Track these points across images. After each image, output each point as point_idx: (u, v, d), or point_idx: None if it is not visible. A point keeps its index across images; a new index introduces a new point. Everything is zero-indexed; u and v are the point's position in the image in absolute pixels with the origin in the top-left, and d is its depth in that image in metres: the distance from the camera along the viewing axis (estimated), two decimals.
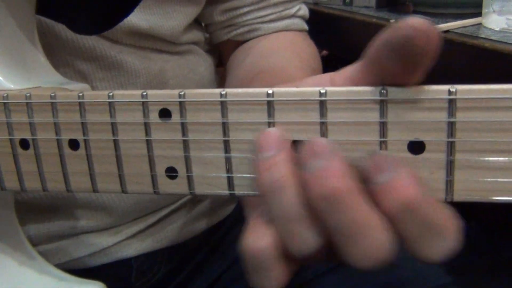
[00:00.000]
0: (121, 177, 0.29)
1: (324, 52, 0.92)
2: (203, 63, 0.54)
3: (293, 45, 0.53)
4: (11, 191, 0.35)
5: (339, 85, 0.26)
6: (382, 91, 0.24)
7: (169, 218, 0.52)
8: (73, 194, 0.45)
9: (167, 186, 0.29)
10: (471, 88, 0.22)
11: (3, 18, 0.34)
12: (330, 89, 0.24)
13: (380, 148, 0.24)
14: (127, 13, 0.35)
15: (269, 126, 0.26)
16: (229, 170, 0.27)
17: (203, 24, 0.57)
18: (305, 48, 0.54)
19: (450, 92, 0.22)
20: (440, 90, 0.23)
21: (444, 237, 0.22)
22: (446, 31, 0.56)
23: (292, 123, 0.25)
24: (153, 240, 0.51)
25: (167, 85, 0.49)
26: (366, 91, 0.24)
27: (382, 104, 0.24)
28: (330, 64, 0.60)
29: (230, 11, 0.53)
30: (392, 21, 0.60)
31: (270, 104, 0.25)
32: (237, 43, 0.55)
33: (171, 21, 0.47)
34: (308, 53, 0.53)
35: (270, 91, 0.25)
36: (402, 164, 0.23)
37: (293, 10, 0.55)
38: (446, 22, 0.59)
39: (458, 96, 0.22)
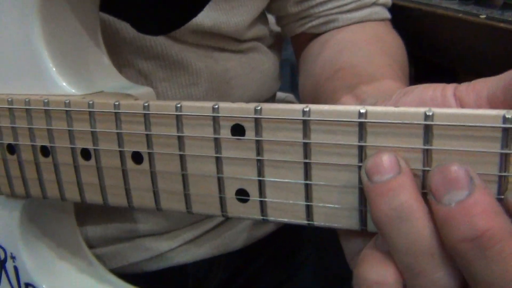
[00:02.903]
0: (186, 196, 0.27)
1: None
2: (266, 61, 0.51)
3: (377, 38, 0.47)
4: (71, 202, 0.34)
5: (467, 102, 0.22)
6: (507, 116, 0.19)
7: (227, 224, 0.50)
8: None
9: (236, 209, 0.26)
10: None
11: (67, 17, 0.32)
12: (437, 111, 0.20)
13: (500, 186, 0.20)
14: (196, 13, 0.32)
15: (360, 151, 0.22)
16: (308, 197, 0.24)
17: (274, 18, 0.53)
18: (391, 42, 0.48)
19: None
20: None
21: None
22: None
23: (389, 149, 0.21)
24: (210, 246, 0.49)
25: (229, 85, 0.46)
26: (485, 115, 0.20)
27: (506, 133, 0.19)
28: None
29: (304, 1, 0.48)
30: (482, 16, 0.53)
31: (362, 126, 0.22)
32: (312, 36, 0.51)
33: (237, 16, 0.44)
34: (395, 47, 0.47)
35: (362, 110, 0.22)
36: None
37: None
38: None
39: None
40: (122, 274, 0.39)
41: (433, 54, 0.58)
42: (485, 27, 0.51)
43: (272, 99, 0.55)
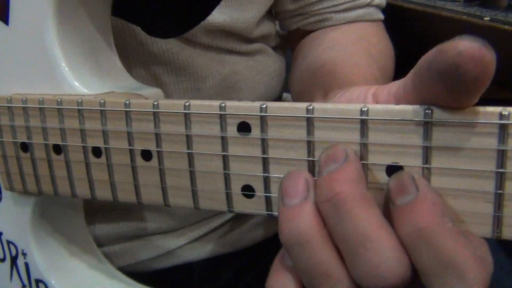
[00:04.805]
0: (194, 192, 0.27)
1: None
2: (272, 64, 0.52)
3: (362, 39, 0.50)
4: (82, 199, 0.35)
5: (382, 101, 0.24)
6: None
7: (234, 223, 0.51)
8: None
9: (242, 204, 0.27)
10: None
11: (80, 20, 0.33)
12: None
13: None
14: (205, 15, 0.33)
15: (361, 147, 0.23)
16: None
17: (273, 12, 0.55)
18: (376, 43, 0.50)
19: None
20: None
21: (462, 278, 0.19)
22: None
23: (387, 145, 0.22)
24: (216, 244, 0.49)
25: (235, 88, 0.47)
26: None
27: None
28: (407, 64, 0.55)
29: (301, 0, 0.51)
30: (486, 18, 0.54)
31: (364, 123, 0.22)
32: (306, 32, 0.53)
33: (247, 12, 0.46)
34: (379, 49, 0.49)
35: (365, 108, 0.22)
36: (427, 187, 0.21)
37: None
38: None
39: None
40: (129, 272, 0.40)
41: None
42: (489, 29, 0.52)
43: (278, 100, 0.56)
